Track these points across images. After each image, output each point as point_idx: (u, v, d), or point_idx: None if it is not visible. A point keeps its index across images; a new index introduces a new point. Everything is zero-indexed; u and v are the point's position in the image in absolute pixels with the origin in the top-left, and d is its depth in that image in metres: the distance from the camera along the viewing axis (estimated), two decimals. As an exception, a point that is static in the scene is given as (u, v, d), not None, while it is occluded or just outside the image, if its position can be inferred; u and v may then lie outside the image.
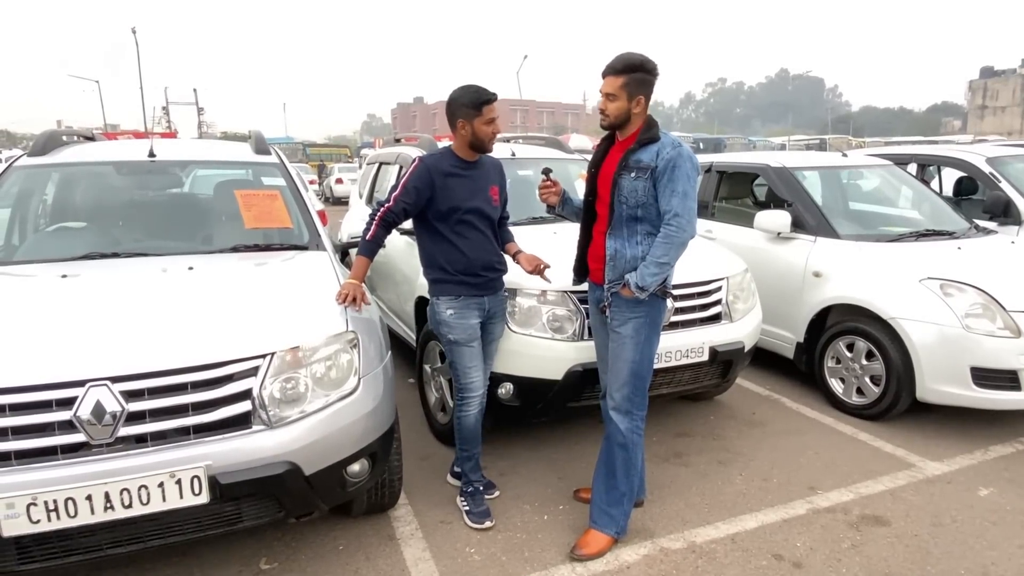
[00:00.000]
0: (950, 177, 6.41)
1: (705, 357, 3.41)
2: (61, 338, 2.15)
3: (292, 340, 2.27)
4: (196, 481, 2.03)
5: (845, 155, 5.50)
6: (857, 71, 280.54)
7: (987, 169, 5.51)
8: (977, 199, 5.92)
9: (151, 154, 3.53)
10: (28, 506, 1.89)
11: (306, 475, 2.21)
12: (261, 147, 3.90)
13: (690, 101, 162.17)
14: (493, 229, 2.96)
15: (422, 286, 3.62)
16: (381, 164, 5.80)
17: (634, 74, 2.53)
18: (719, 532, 2.84)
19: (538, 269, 2.94)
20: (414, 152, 4.67)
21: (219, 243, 3.23)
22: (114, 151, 3.75)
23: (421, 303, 3.88)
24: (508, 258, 3.04)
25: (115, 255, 2.98)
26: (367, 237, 2.80)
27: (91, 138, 4.23)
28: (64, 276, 2.65)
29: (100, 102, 39.20)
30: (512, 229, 3.17)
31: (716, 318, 3.53)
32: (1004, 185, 5.33)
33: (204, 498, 2.04)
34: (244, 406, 2.14)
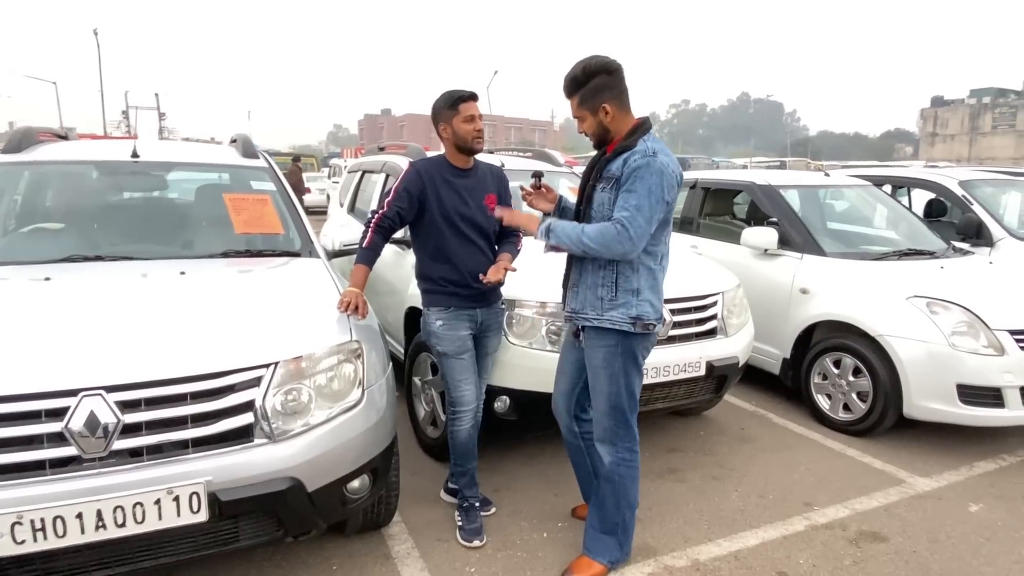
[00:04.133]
0: (919, 199, 6.60)
1: (702, 372, 3.39)
2: (50, 344, 2.01)
3: (296, 349, 2.17)
4: (195, 498, 1.91)
5: (827, 175, 5.61)
6: (815, 97, 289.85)
7: (960, 192, 5.68)
8: (947, 221, 6.08)
9: (134, 155, 3.38)
10: (13, 525, 1.75)
11: (308, 492, 2.10)
12: (249, 151, 3.77)
13: (654, 121, 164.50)
14: (488, 239, 2.85)
15: (413, 296, 3.54)
16: (364, 172, 5.70)
17: (583, 87, 2.29)
18: (721, 549, 2.81)
19: (498, 276, 2.67)
20: (401, 160, 4.60)
21: (209, 248, 3.09)
22: (95, 150, 3.59)
23: (411, 314, 3.78)
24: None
25: (99, 258, 2.82)
26: (364, 244, 2.73)
27: (64, 137, 4.05)
28: (48, 279, 2.50)
29: (57, 104, 37.97)
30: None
31: (712, 333, 3.52)
32: (976, 207, 5.51)
33: (203, 516, 1.93)
34: (246, 418, 2.03)
